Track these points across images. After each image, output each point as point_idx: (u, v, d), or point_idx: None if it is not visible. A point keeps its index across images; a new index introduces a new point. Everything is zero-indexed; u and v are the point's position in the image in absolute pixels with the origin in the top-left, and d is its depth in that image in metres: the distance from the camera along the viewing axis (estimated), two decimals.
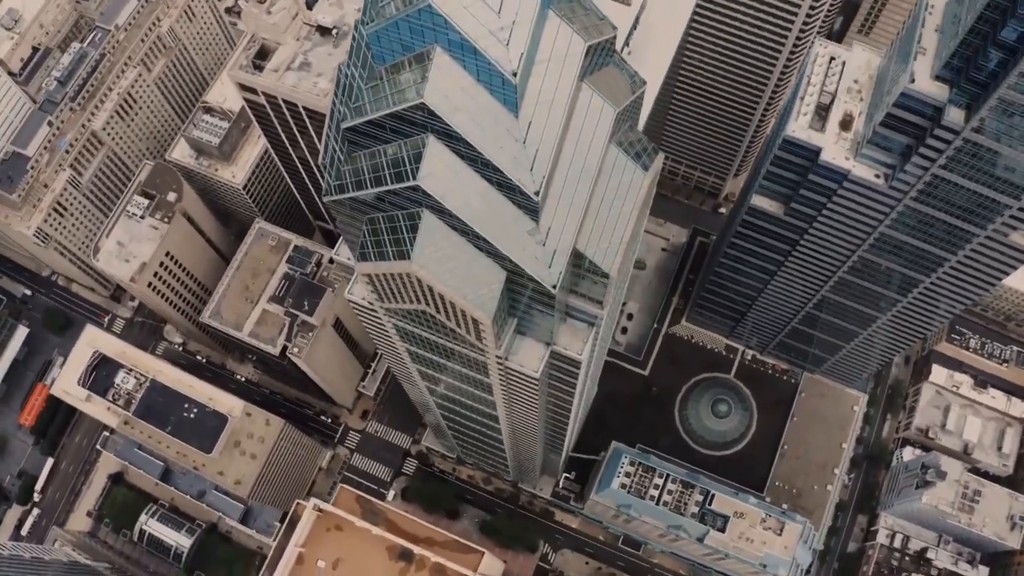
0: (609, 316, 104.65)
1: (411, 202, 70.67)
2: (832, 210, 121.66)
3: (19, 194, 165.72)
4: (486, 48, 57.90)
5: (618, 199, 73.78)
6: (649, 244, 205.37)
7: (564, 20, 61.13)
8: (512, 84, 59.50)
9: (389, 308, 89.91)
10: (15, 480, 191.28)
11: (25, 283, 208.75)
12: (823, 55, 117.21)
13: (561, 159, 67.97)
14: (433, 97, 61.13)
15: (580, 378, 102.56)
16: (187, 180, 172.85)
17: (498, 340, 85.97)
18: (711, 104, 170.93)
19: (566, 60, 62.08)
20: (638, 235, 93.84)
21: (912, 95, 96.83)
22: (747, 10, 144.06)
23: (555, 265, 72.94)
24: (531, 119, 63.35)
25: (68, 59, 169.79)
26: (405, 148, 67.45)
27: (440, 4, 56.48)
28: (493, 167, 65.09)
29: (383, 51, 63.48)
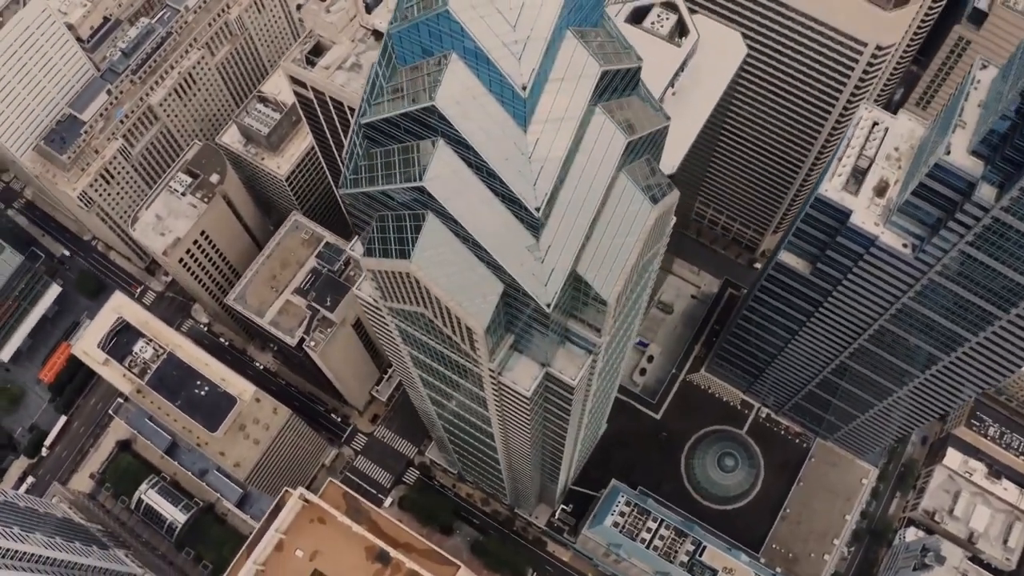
0: (613, 348, 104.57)
1: (417, 203, 71.60)
2: (857, 275, 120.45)
3: (69, 156, 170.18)
4: (498, 59, 58.72)
5: (623, 228, 73.89)
6: (679, 289, 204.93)
7: (581, 42, 61.73)
8: (521, 98, 60.19)
9: (392, 308, 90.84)
10: (26, 432, 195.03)
11: (65, 244, 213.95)
12: (867, 119, 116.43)
13: (567, 179, 68.32)
14: (444, 101, 62.07)
15: (575, 405, 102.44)
16: (233, 165, 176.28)
17: (492, 353, 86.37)
18: (755, 158, 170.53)
19: (579, 81, 62.59)
20: (649, 268, 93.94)
21: (946, 167, 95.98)
22: (799, 69, 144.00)
23: (551, 284, 73.14)
24: (539, 135, 63.89)
25: (135, 32, 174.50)
26: (416, 149, 68.56)
27: (458, 10, 57.51)
28: (497, 177, 65.73)
29: (404, 52, 64.70)
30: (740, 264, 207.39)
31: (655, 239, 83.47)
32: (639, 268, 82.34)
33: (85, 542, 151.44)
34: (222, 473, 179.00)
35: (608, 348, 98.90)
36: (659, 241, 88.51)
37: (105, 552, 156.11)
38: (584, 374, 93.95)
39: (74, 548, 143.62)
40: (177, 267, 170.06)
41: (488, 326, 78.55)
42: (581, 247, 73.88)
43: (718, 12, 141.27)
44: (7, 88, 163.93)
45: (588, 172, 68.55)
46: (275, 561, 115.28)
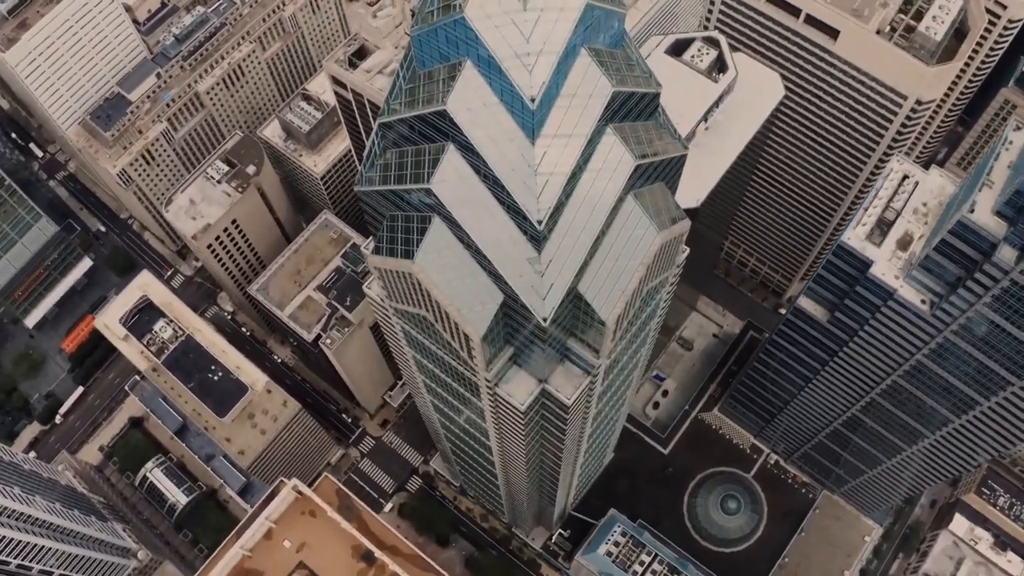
0: (615, 373, 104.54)
1: (425, 206, 72.47)
2: (873, 327, 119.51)
3: (113, 133, 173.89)
4: (510, 70, 59.52)
5: (626, 250, 74.13)
6: (702, 327, 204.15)
7: (595, 61, 62.31)
8: (530, 109, 60.88)
9: (397, 308, 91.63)
10: (42, 399, 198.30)
11: (102, 220, 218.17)
12: (898, 171, 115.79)
13: (572, 196, 68.76)
14: (455, 106, 62.98)
15: (571, 425, 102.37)
16: (271, 159, 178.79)
17: (489, 363, 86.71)
18: (787, 202, 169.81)
19: (590, 100, 63.12)
20: (656, 296, 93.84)
21: (969, 225, 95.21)
22: (836, 116, 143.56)
23: (549, 299, 73.49)
24: (547, 149, 64.46)
25: (190, 20, 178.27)
26: (428, 152, 69.51)
27: (473, 18, 58.47)
28: (503, 187, 66.40)
29: (424, 56, 65.80)
30: (765, 308, 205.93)
31: (662, 266, 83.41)
32: (642, 293, 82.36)
33: (85, 512, 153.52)
34: (228, 460, 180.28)
35: (609, 372, 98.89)
36: (667, 269, 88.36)
37: (104, 524, 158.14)
38: (581, 395, 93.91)
39: (72, 516, 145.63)
40: (205, 252, 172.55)
41: (485, 335, 78.93)
42: (584, 265, 74.29)
43: (759, 51, 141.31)
44: (60, 61, 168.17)
45: (594, 191, 68.98)
46: (262, 548, 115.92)
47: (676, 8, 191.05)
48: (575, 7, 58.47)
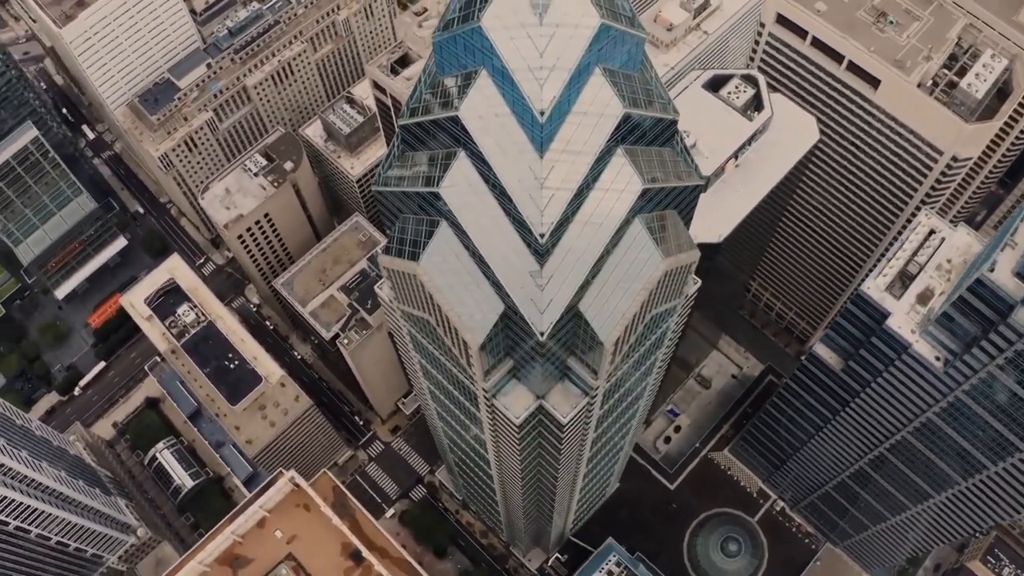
0: (617, 399, 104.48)
1: (434, 210, 73.43)
2: (886, 380, 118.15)
3: (159, 118, 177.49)
4: (521, 82, 60.38)
5: (629, 273, 74.35)
6: (722, 367, 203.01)
7: (608, 81, 62.89)
8: (539, 123, 61.62)
9: (403, 310, 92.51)
10: (63, 370, 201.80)
11: (141, 201, 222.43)
12: (925, 225, 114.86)
13: (578, 213, 69.24)
14: (467, 113, 63.98)
15: (567, 445, 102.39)
16: (310, 157, 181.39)
17: (487, 373, 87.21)
18: (815, 248, 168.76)
19: (600, 119, 63.65)
20: (662, 325, 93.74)
21: (987, 284, 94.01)
22: (870, 166, 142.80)
23: (548, 313, 73.88)
24: (555, 163, 65.12)
25: (244, 15, 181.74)
26: (440, 157, 70.51)
27: (490, 28, 59.46)
28: (509, 197, 67.13)
29: (444, 62, 66.91)
30: (787, 353, 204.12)
31: (668, 294, 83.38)
32: (644, 318, 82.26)
33: (90, 483, 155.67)
34: (237, 449, 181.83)
35: (609, 396, 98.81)
36: (674, 299, 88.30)
37: (107, 498, 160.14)
38: (578, 415, 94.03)
39: (76, 486, 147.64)
40: (235, 242, 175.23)
41: (484, 343, 79.45)
42: (586, 284, 74.68)
43: (798, 94, 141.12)
44: (114, 42, 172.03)
45: (600, 210, 69.38)
46: (254, 536, 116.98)
47: (726, 46, 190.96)
48: (590, 26, 59.22)
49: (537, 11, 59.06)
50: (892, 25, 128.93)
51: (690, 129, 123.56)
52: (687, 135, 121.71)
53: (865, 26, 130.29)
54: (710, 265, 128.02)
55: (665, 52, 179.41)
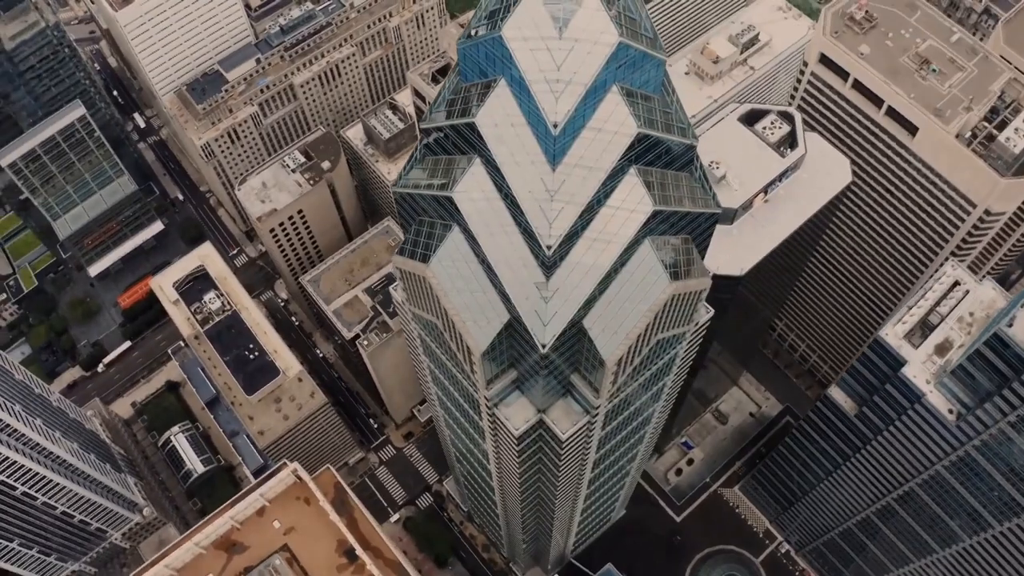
0: (620, 423, 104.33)
1: (447, 214, 74.30)
2: (898, 429, 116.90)
3: (205, 107, 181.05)
4: (537, 93, 61.15)
5: (636, 294, 74.51)
6: (740, 404, 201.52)
7: (625, 100, 63.33)
8: (552, 135, 62.27)
9: (414, 312, 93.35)
10: (89, 346, 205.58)
11: (182, 188, 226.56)
12: (950, 276, 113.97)
13: (587, 229, 69.70)
14: (483, 120, 64.89)
15: (566, 462, 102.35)
16: (348, 159, 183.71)
17: (489, 382, 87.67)
18: (842, 292, 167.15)
19: (614, 137, 64.14)
20: (670, 350, 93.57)
21: (1004, 339, 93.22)
22: (902, 213, 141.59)
23: (551, 326, 74.29)
24: (567, 177, 65.72)
25: (297, 14, 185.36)
26: (457, 162, 71.42)
27: (510, 38, 60.36)
28: (519, 207, 67.76)
29: (467, 69, 67.97)
30: (808, 396, 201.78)
31: (675, 319, 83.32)
32: (649, 341, 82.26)
33: (101, 459, 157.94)
34: (250, 441, 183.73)
35: (612, 417, 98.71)
36: (683, 324, 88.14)
37: (117, 475, 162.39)
38: (578, 433, 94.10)
39: (87, 459, 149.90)
40: (267, 235, 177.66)
41: (486, 351, 79.97)
42: (591, 300, 75.01)
43: (835, 134, 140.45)
44: (168, 30, 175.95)
45: (610, 227, 69.76)
46: (252, 523, 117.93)
47: (772, 83, 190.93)
48: (608, 43, 59.85)
49: (557, 25, 59.90)
50: (935, 73, 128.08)
51: (721, 160, 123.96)
52: (717, 166, 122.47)
53: (908, 72, 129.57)
54: (732, 298, 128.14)
55: (710, 84, 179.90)
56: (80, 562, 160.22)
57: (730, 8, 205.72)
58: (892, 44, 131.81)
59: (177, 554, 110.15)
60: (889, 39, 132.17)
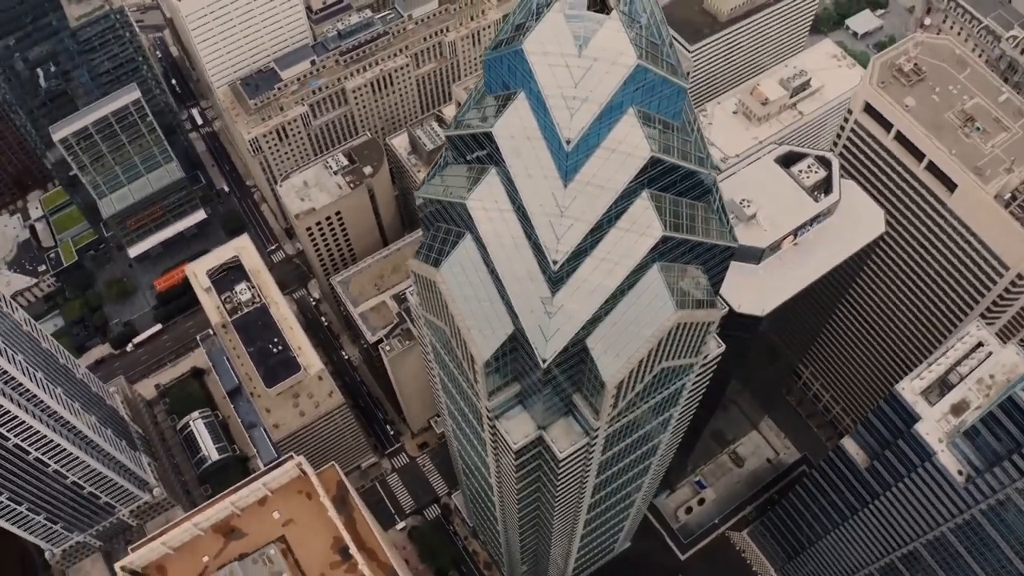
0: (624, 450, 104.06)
1: (461, 221, 75.34)
2: (907, 486, 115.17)
3: (256, 103, 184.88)
4: (553, 108, 61.95)
5: (640, 318, 74.70)
6: (758, 448, 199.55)
7: (641, 123, 63.82)
8: (565, 151, 63.03)
9: (426, 318, 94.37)
10: (121, 325, 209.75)
11: (228, 180, 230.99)
12: (974, 336, 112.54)
13: (597, 248, 70.16)
14: (500, 132, 65.91)
15: (564, 482, 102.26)
16: (391, 166, 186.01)
17: (491, 393, 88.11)
18: (868, 345, 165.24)
19: (627, 159, 64.58)
20: (676, 380, 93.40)
21: (1018, 403, 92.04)
22: (934, 271, 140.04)
23: (553, 342, 74.69)
24: (578, 194, 66.33)
25: (355, 20, 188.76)
26: (475, 171, 72.51)
27: (531, 52, 61.34)
28: (529, 220, 68.52)
29: (491, 80, 69.15)
30: (827, 447, 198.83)
31: (681, 349, 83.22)
32: (652, 368, 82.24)
33: (117, 434, 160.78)
34: (267, 434, 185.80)
35: (613, 443, 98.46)
36: (690, 356, 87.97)
37: (132, 453, 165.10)
38: (576, 454, 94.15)
39: (103, 433, 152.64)
40: (304, 233, 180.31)
41: (489, 361, 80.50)
42: (596, 320, 75.41)
43: (872, 183, 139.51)
44: (228, 24, 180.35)
45: (618, 249, 70.14)
46: (252, 512, 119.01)
47: (820, 130, 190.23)
48: (626, 64, 60.49)
49: (578, 43, 60.76)
50: (979, 132, 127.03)
51: (753, 199, 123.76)
52: (748, 204, 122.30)
53: (951, 128, 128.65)
54: (753, 338, 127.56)
55: (757, 125, 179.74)
56: (86, 534, 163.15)
57: (786, 52, 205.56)
58: (938, 99, 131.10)
59: (175, 533, 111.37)
60: (936, 94, 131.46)
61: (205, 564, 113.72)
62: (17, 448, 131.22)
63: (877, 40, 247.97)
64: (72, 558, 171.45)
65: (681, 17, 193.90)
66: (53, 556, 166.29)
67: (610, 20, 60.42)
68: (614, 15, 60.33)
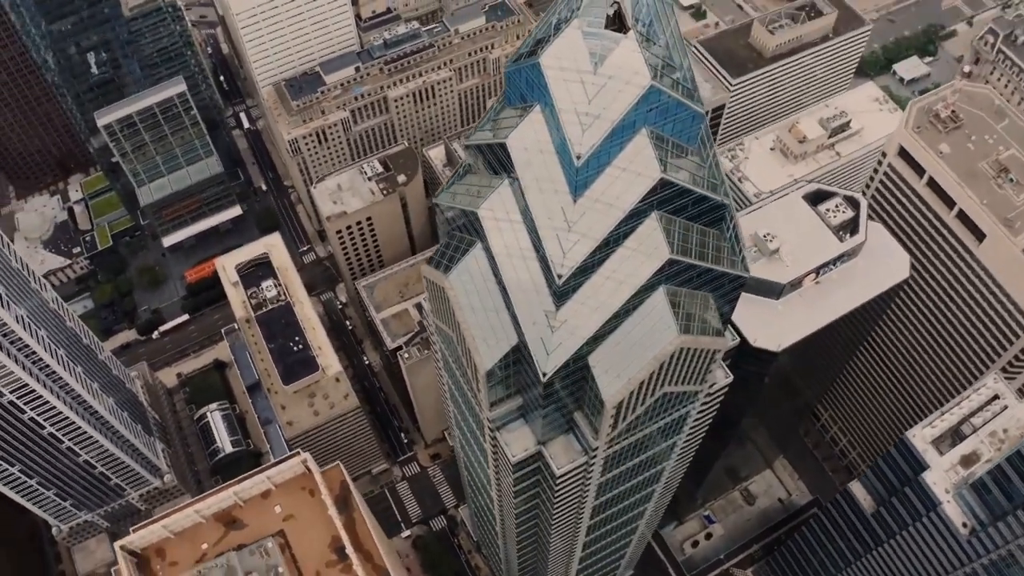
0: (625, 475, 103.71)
1: (473, 230, 76.20)
2: (911, 534, 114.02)
3: (299, 105, 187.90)
4: (566, 123, 62.66)
5: (643, 339, 74.77)
6: (771, 487, 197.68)
7: (653, 143, 64.22)
8: (575, 167, 63.68)
9: (437, 325, 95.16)
10: (149, 312, 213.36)
11: (267, 180, 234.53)
12: (990, 389, 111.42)
13: (603, 266, 70.54)
14: (514, 143, 66.76)
15: (562, 502, 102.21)
16: (426, 177, 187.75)
17: (492, 404, 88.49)
18: (887, 391, 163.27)
19: (637, 179, 65.01)
20: (681, 407, 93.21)
21: None
22: (958, 322, 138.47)
23: (554, 356, 74.95)
24: (587, 211, 66.83)
25: (402, 31, 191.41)
26: (489, 182, 73.39)
27: (547, 66, 62.18)
28: (537, 233, 69.17)
29: (510, 92, 70.12)
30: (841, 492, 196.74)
31: (684, 375, 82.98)
32: (654, 392, 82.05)
33: (134, 418, 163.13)
34: (281, 431, 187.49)
35: (613, 465, 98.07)
36: (695, 383, 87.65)
37: (147, 437, 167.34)
38: (574, 471, 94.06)
39: (120, 415, 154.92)
40: (333, 236, 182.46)
41: (491, 371, 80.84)
42: (600, 338, 75.61)
43: (900, 227, 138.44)
44: (277, 25, 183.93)
45: (624, 268, 70.45)
46: (254, 504, 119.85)
47: (855, 173, 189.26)
48: (640, 84, 61.03)
49: (594, 60, 61.46)
50: (1012, 183, 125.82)
51: (778, 234, 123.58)
52: (772, 239, 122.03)
53: (985, 178, 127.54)
54: (767, 373, 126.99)
55: (793, 163, 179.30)
56: (94, 513, 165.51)
57: (829, 92, 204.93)
58: (973, 148, 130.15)
59: (177, 517, 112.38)
60: (971, 142, 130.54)
61: (204, 551, 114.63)
62: (32, 422, 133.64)
63: (924, 87, 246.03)
64: (79, 536, 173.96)
65: (726, 50, 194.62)
66: (60, 532, 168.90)
67: (626, 40, 61.10)
68: (631, 35, 61.02)
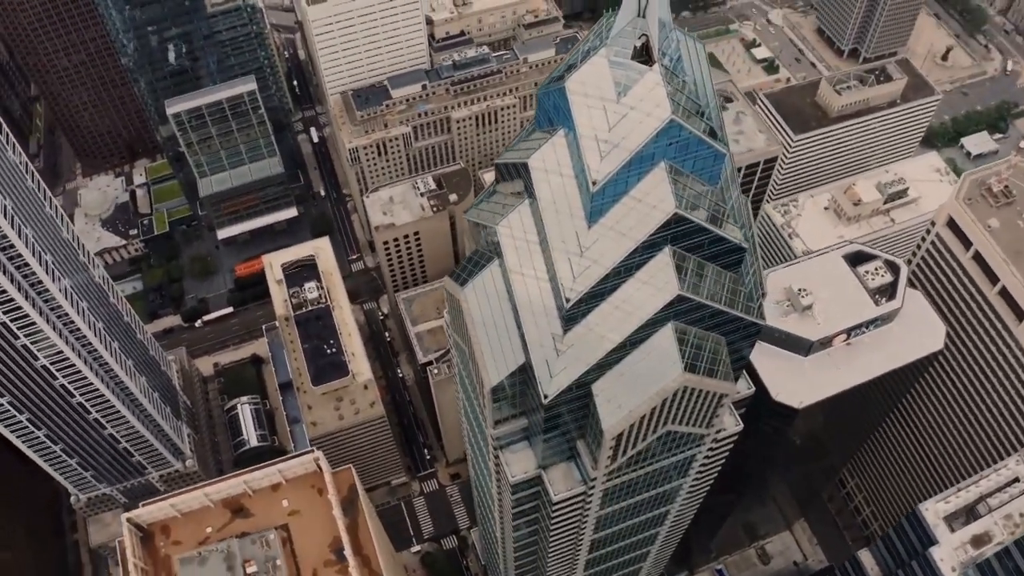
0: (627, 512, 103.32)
1: (494, 246, 77.47)
2: None
3: (363, 115, 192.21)
4: (585, 149, 63.79)
5: (647, 373, 74.99)
6: (788, 548, 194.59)
7: (670, 177, 64.89)
8: (590, 193, 64.69)
9: (454, 337, 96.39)
10: (195, 300, 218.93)
11: (326, 186, 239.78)
12: (1012, 470, 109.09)
13: (613, 296, 71.11)
14: (535, 164, 68.01)
15: (559, 530, 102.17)
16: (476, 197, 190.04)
17: (497, 423, 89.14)
18: (915, 464, 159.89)
19: (651, 212, 65.68)
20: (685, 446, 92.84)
21: None
22: (989, 399, 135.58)
23: (557, 379, 75.50)
24: (599, 238, 67.66)
25: (472, 54, 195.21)
26: (510, 198, 74.78)
27: (572, 91, 63.49)
28: (550, 256, 70.17)
29: (540, 115, 71.57)
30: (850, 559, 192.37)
31: (689, 414, 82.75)
32: (656, 428, 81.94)
33: (164, 400, 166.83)
34: (306, 431, 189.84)
35: (612, 499, 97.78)
36: (700, 425, 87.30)
37: (174, 420, 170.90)
38: (572, 501, 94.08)
39: (150, 395, 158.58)
40: (380, 246, 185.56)
41: (496, 388, 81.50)
42: (606, 366, 76.02)
43: (940, 296, 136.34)
44: (351, 36, 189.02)
45: (634, 299, 70.95)
46: (262, 495, 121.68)
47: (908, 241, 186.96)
48: (660, 117, 61.89)
49: (618, 89, 62.61)
50: None
51: (813, 290, 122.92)
52: (806, 294, 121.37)
53: None
54: (788, 429, 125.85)
55: (846, 224, 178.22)
56: (113, 487, 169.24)
57: (891, 157, 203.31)
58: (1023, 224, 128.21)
59: (186, 498, 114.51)
60: (1022, 219, 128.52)
61: (208, 534, 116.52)
62: (63, 389, 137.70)
63: (990, 163, 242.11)
64: (95, 508, 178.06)
65: (791, 105, 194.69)
66: (78, 502, 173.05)
67: (651, 72, 62.16)
68: (656, 68, 62.11)
